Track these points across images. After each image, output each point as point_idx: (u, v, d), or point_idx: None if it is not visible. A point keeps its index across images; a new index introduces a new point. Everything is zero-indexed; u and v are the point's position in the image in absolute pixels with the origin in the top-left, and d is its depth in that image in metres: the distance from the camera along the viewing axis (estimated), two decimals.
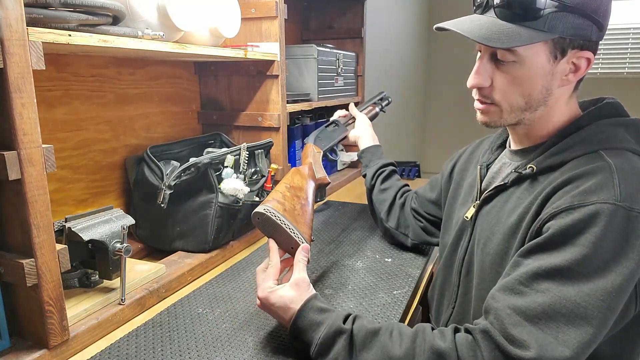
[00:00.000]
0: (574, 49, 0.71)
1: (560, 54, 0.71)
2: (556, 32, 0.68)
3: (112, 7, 0.79)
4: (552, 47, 0.70)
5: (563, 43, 0.70)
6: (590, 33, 0.70)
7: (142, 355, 0.76)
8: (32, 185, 0.65)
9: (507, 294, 0.65)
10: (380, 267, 1.09)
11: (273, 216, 0.82)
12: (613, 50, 3.57)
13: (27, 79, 0.63)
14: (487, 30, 0.70)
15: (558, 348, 0.59)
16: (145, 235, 1.16)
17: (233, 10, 1.14)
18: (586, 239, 0.62)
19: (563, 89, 0.74)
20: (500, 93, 0.75)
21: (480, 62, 0.76)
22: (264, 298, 0.76)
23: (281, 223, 0.82)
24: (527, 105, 0.75)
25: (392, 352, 0.66)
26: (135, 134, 1.23)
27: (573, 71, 0.73)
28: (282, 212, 0.84)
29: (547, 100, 0.74)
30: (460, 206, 0.93)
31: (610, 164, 0.67)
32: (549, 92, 0.74)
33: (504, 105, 0.76)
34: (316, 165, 1.03)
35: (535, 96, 0.74)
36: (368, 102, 1.41)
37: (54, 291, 0.70)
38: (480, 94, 0.78)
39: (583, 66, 0.72)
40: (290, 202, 0.88)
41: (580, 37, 0.70)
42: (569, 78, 0.73)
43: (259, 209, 0.83)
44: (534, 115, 0.76)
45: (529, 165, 0.75)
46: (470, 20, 0.73)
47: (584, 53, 0.71)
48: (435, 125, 4.23)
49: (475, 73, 0.76)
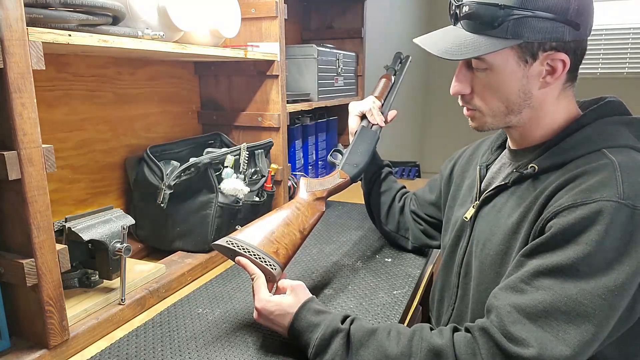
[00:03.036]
0: (546, 52, 0.71)
1: (531, 58, 0.71)
2: (521, 38, 0.69)
3: (112, 7, 0.79)
4: (519, 52, 0.71)
5: (531, 47, 0.70)
6: (563, 34, 0.69)
7: (142, 355, 0.76)
8: (32, 185, 0.65)
9: (508, 292, 0.65)
10: (380, 267, 1.09)
11: (233, 246, 0.81)
12: (613, 50, 3.57)
13: (27, 79, 0.63)
14: (450, 42, 0.73)
15: (558, 346, 0.59)
16: (145, 235, 1.16)
17: (233, 10, 1.14)
18: (589, 237, 0.62)
19: (545, 90, 0.74)
20: (480, 99, 0.77)
21: (459, 70, 0.78)
22: (262, 308, 0.76)
23: (244, 252, 0.81)
24: (508, 109, 0.76)
25: (389, 350, 0.66)
26: (135, 134, 1.23)
27: (550, 72, 0.72)
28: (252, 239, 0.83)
29: (530, 103, 0.75)
30: (460, 207, 0.93)
31: (613, 162, 0.67)
32: (527, 95, 0.74)
33: (485, 110, 0.78)
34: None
35: (514, 100, 0.75)
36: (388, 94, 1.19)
37: (54, 291, 0.70)
38: (463, 101, 0.80)
39: (559, 68, 0.72)
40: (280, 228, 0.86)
41: (551, 40, 0.69)
42: (547, 80, 0.73)
43: (220, 242, 0.82)
44: (521, 118, 0.77)
45: (531, 165, 0.75)
46: (443, 33, 0.76)
47: (557, 55, 0.71)
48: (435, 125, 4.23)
49: (455, 81, 0.78)
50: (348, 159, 1.04)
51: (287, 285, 0.79)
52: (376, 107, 1.11)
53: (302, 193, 0.93)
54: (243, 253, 0.81)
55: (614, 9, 3.52)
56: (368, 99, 1.13)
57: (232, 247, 0.81)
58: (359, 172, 1.04)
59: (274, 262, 0.82)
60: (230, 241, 0.82)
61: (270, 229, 0.85)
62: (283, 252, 0.84)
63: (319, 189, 0.95)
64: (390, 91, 1.19)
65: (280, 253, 0.83)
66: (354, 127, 1.12)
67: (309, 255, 1.16)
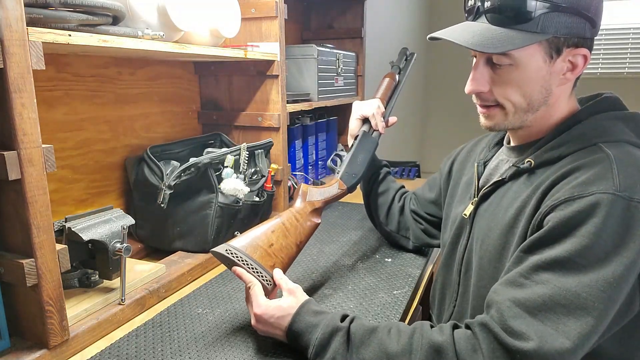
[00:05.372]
0: (569, 47, 0.71)
1: (556, 53, 0.71)
2: (549, 33, 0.69)
3: (112, 7, 0.79)
4: (547, 48, 0.71)
5: (557, 42, 0.71)
6: (584, 30, 0.70)
7: (142, 355, 0.76)
8: (32, 185, 0.65)
9: (508, 287, 0.66)
10: (380, 267, 1.09)
11: (232, 256, 0.81)
12: (613, 50, 3.57)
13: (27, 79, 0.63)
14: (480, 36, 0.71)
15: (558, 339, 0.59)
16: (145, 235, 1.16)
17: (233, 10, 1.14)
18: (586, 229, 0.62)
19: (562, 88, 0.75)
20: (502, 95, 0.76)
21: (476, 67, 0.76)
22: (263, 312, 0.75)
23: (243, 263, 0.81)
24: (529, 106, 0.75)
25: (389, 348, 0.66)
26: (135, 134, 1.23)
27: (570, 69, 0.73)
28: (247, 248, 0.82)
29: (548, 100, 0.75)
30: (458, 204, 0.93)
31: (609, 155, 0.67)
32: (548, 91, 0.74)
33: (507, 105, 0.76)
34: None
35: (536, 97, 0.74)
36: (390, 97, 1.18)
37: (54, 291, 0.70)
38: (481, 99, 0.79)
39: (580, 63, 0.73)
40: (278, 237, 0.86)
41: (575, 35, 0.70)
42: (567, 76, 0.74)
43: (218, 249, 0.82)
44: (537, 116, 0.77)
45: (527, 160, 0.76)
46: (462, 28, 0.74)
47: (579, 50, 0.72)
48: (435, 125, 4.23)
49: (472, 80, 0.77)
50: (347, 169, 1.04)
51: (284, 289, 0.79)
52: (379, 112, 1.11)
53: (301, 202, 0.93)
54: (241, 264, 0.80)
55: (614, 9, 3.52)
56: (372, 102, 1.11)
57: (230, 257, 0.81)
58: (357, 182, 1.04)
59: (270, 277, 0.82)
60: (230, 250, 0.81)
61: (268, 241, 0.85)
62: (279, 267, 0.84)
63: (318, 199, 0.95)
64: (394, 93, 1.18)
65: (277, 268, 0.84)
66: (354, 131, 1.11)
67: (309, 255, 1.16)
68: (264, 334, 0.78)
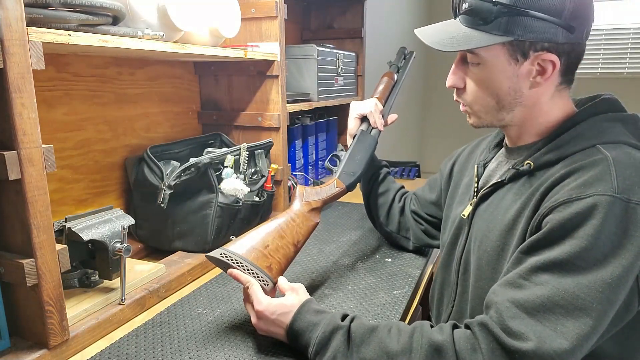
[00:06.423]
0: (538, 52, 0.71)
1: (522, 56, 0.72)
2: (513, 35, 0.70)
3: (112, 7, 0.79)
4: (510, 50, 0.72)
5: (522, 46, 0.71)
6: (556, 36, 0.69)
7: (142, 355, 0.76)
8: (32, 185, 0.65)
9: (507, 288, 0.66)
10: (380, 267, 1.09)
11: (227, 259, 0.81)
12: (613, 50, 3.57)
13: (27, 79, 0.63)
14: (445, 35, 0.75)
15: (557, 340, 0.59)
16: (145, 235, 1.16)
17: (233, 10, 1.14)
18: (585, 231, 0.62)
19: (538, 90, 0.75)
20: (471, 95, 0.79)
21: (455, 64, 0.80)
22: (264, 309, 0.75)
23: (238, 265, 0.81)
24: (498, 105, 0.77)
25: (389, 347, 0.67)
26: (135, 134, 1.23)
27: (540, 73, 0.73)
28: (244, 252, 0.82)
29: (521, 101, 0.76)
30: (458, 205, 0.94)
31: (607, 157, 0.67)
32: (518, 93, 0.75)
33: (475, 107, 0.79)
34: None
35: (504, 97, 0.76)
36: (389, 97, 1.17)
37: (54, 291, 0.70)
38: (458, 96, 0.82)
39: (549, 69, 0.72)
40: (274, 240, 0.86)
41: (544, 40, 0.70)
42: (537, 80, 0.73)
43: (214, 254, 0.82)
44: (515, 116, 0.78)
45: (527, 162, 0.76)
46: (442, 25, 0.78)
47: (548, 56, 0.71)
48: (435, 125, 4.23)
49: (451, 74, 0.81)
50: (345, 167, 1.03)
51: (287, 287, 0.79)
52: (377, 110, 1.11)
53: (297, 203, 0.93)
54: (236, 266, 0.80)
55: (614, 9, 3.52)
56: (370, 101, 1.12)
57: (225, 259, 0.81)
58: (356, 180, 1.03)
59: (267, 277, 0.81)
60: (224, 254, 0.81)
61: (264, 242, 0.84)
62: (276, 267, 0.83)
63: (315, 199, 0.95)
64: (392, 92, 1.18)
65: (274, 268, 0.83)
66: (353, 130, 1.11)
67: (309, 255, 1.16)
68: (263, 332, 0.78)
